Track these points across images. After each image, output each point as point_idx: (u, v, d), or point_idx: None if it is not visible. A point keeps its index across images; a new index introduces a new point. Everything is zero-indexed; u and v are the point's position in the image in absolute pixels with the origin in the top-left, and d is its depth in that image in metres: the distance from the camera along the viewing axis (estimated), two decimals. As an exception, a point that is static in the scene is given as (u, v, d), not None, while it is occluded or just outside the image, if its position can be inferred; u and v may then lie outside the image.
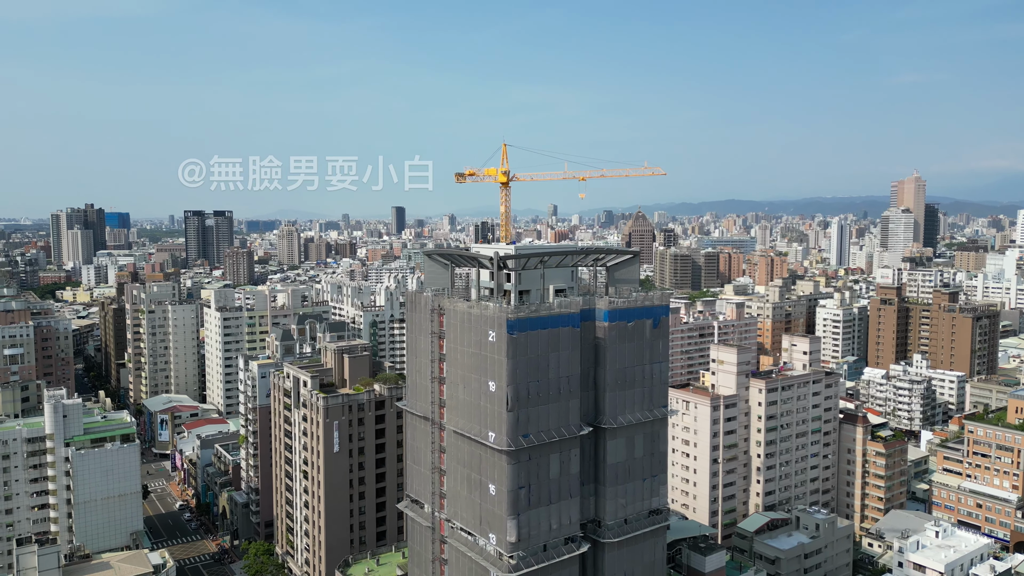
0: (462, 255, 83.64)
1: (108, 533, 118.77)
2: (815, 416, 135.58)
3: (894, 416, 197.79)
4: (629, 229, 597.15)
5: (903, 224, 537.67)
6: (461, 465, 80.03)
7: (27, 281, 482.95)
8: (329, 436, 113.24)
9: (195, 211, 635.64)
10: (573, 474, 78.09)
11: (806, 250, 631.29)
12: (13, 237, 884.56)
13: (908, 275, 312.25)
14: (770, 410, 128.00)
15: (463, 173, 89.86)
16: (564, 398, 76.85)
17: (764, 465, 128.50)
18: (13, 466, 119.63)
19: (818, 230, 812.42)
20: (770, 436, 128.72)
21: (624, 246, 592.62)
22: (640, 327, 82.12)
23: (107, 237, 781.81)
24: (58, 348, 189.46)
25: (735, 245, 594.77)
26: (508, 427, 72.97)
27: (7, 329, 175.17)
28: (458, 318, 78.98)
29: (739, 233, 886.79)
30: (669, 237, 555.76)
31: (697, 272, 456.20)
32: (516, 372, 73.02)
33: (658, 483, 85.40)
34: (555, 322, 75.67)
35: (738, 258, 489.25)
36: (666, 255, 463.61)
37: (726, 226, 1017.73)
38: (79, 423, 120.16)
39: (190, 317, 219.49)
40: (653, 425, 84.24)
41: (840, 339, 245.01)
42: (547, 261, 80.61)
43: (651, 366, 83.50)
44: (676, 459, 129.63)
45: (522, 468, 74.39)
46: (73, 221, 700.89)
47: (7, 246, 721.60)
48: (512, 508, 73.88)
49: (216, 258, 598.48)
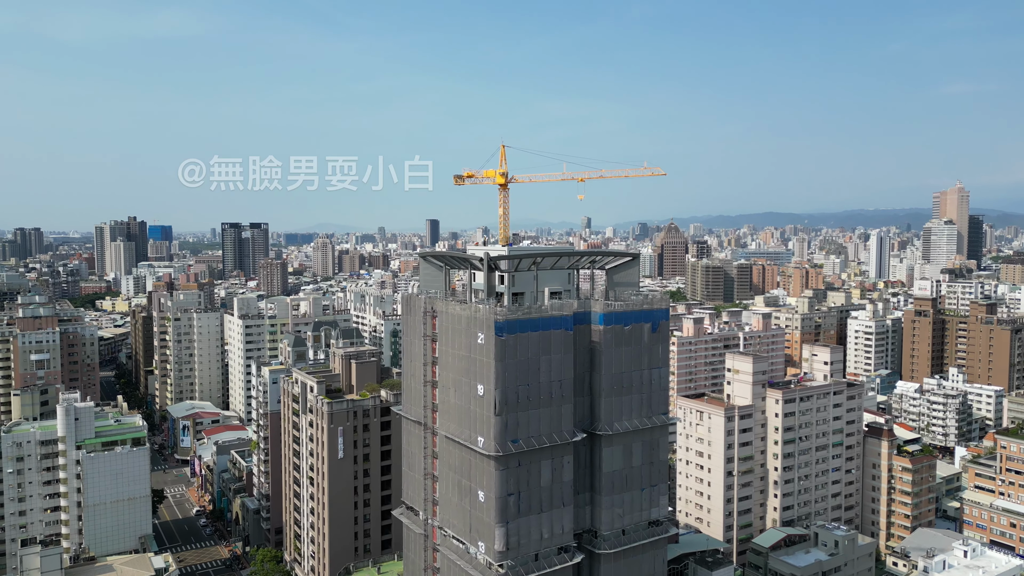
0: (455, 256, 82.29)
1: (117, 536, 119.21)
2: (836, 429, 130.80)
3: (928, 432, 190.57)
4: (661, 241, 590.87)
5: (945, 236, 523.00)
6: (452, 471, 78.33)
7: (68, 291, 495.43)
8: (333, 442, 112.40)
9: (232, 223, 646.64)
10: (566, 482, 75.81)
11: (844, 262, 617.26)
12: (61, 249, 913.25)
13: (947, 287, 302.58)
14: (787, 421, 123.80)
15: (461, 175, 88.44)
16: (556, 403, 74.76)
17: (782, 479, 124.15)
18: (27, 468, 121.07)
19: (858, 242, 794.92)
20: (788, 448, 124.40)
21: (656, 258, 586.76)
22: (638, 331, 79.71)
23: (149, 249, 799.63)
24: (84, 354, 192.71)
25: (770, 257, 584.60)
26: (496, 431, 71.13)
27: (34, 335, 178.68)
28: (449, 320, 77.57)
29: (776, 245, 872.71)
30: (702, 249, 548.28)
31: (729, 284, 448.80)
32: (505, 375, 71.23)
33: (658, 493, 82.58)
34: (546, 324, 73.76)
35: (772, 270, 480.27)
36: (697, 267, 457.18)
37: (763, 239, 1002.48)
38: (91, 426, 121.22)
39: (215, 325, 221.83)
40: (652, 433, 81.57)
41: (872, 352, 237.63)
42: (540, 262, 78.79)
43: (650, 371, 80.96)
44: (690, 471, 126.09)
45: (511, 474, 72.41)
46: (116, 233, 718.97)
47: (54, 257, 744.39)
48: (501, 515, 71.87)
49: (252, 269, 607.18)
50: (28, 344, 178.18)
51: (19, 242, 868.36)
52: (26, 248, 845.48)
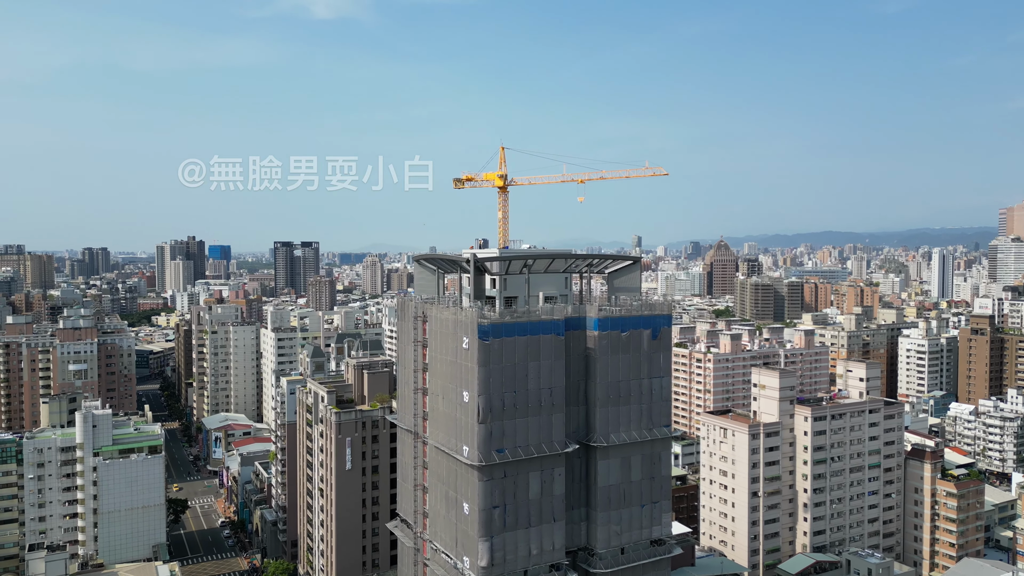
0: (445, 259, 79.83)
1: (130, 544, 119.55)
2: (873, 449, 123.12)
3: (983, 456, 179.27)
4: (710, 259, 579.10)
5: (1012, 253, 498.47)
6: (441, 482, 75.41)
7: (126, 307, 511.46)
8: (341, 453, 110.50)
9: (284, 242, 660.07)
10: (557, 495, 72.02)
11: (904, 281, 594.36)
12: (127, 268, 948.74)
13: (1010, 305, 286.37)
14: (818, 440, 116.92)
15: (461, 178, 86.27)
16: (546, 411, 71.25)
17: (812, 501, 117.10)
18: (47, 474, 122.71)
19: (921, 261, 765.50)
20: (818, 469, 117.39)
21: (705, 276, 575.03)
22: (636, 338, 75.72)
23: (208, 268, 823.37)
24: (121, 365, 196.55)
25: (824, 275, 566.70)
26: (480, 440, 68.01)
27: (73, 345, 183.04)
28: (439, 325, 75.07)
29: (834, 265, 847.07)
30: (753, 267, 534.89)
31: (780, 303, 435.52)
32: (489, 381, 68.19)
33: (660, 510, 77.99)
34: (535, 329, 70.54)
35: (825, 288, 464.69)
36: (746, 284, 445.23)
37: (820, 258, 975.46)
38: (108, 433, 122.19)
39: (250, 338, 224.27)
40: (653, 446, 77.22)
41: (926, 372, 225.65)
42: (532, 265, 75.69)
43: (649, 381, 76.77)
44: (713, 491, 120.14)
45: (496, 485, 69.06)
46: (175, 253, 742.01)
47: (119, 276, 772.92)
48: (485, 529, 68.51)
49: (302, 287, 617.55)
50: (67, 354, 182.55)
51: (87, 261, 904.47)
52: (93, 267, 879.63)
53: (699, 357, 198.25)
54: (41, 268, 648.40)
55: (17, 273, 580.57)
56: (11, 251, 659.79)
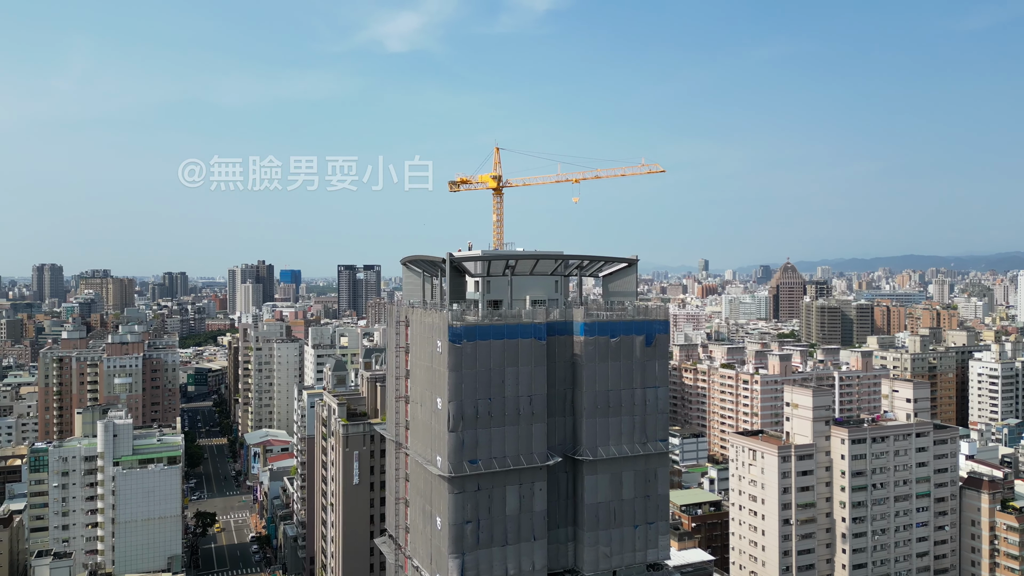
0: (428, 260, 76.60)
1: (146, 555, 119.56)
2: (922, 476, 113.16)
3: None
4: (776, 282, 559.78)
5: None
6: (419, 495, 71.58)
7: (195, 327, 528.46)
8: (348, 466, 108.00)
9: (347, 265, 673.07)
10: (537, 511, 67.07)
11: (988, 306, 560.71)
12: (204, 291, 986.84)
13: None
14: (856, 465, 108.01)
15: (456, 181, 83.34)
16: (526, 421, 66.68)
17: (851, 531, 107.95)
18: (72, 483, 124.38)
19: (1008, 286, 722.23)
20: (858, 497, 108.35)
21: (771, 300, 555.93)
22: (627, 344, 70.55)
23: (278, 291, 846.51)
24: (165, 380, 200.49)
25: (899, 299, 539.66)
26: (451, 449, 63.93)
27: (119, 359, 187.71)
28: (418, 329, 71.78)
29: (913, 289, 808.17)
30: (821, 290, 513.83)
31: (848, 326, 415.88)
32: (460, 386, 64.23)
33: (656, 532, 71.94)
34: (513, 332, 66.32)
35: (898, 312, 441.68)
36: (811, 307, 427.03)
37: (900, 282, 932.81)
38: (129, 443, 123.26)
39: (293, 355, 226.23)
40: (647, 461, 71.49)
41: (999, 398, 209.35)
42: (515, 266, 71.72)
43: (643, 391, 71.30)
44: (743, 517, 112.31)
45: (468, 499, 64.69)
46: (246, 276, 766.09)
47: (196, 299, 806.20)
48: (455, 545, 64.15)
49: (364, 309, 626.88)
50: (113, 368, 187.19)
51: (166, 284, 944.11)
52: (172, 290, 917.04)
53: (746, 378, 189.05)
54: (122, 291, 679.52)
55: (99, 295, 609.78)
56: (97, 275, 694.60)
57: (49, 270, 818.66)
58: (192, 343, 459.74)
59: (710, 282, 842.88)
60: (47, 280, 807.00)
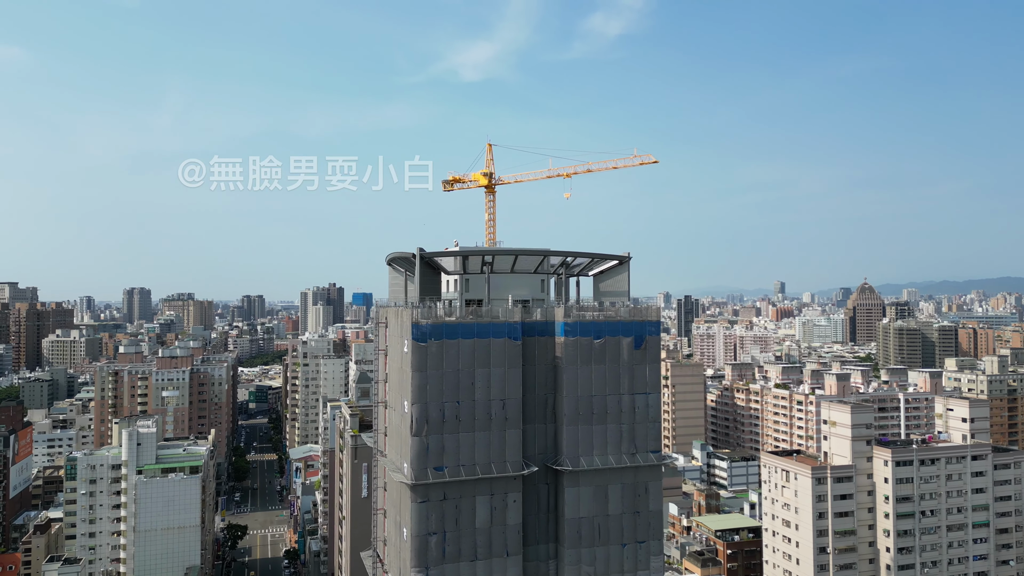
0: (409, 258, 73.24)
1: (165, 565, 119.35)
2: (979, 504, 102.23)
3: None
4: (853, 303, 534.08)
5: None
6: (392, 505, 67.77)
7: (263, 347, 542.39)
8: (358, 478, 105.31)
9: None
10: (511, 525, 62.16)
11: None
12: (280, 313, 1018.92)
13: None
14: (902, 489, 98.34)
15: (449, 180, 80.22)
16: (498, 426, 62.14)
17: (896, 562, 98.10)
18: (99, 491, 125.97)
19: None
20: (904, 524, 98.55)
21: (847, 322, 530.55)
22: (613, 346, 65.28)
23: (349, 313, 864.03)
24: (212, 393, 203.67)
25: (989, 321, 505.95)
26: (413, 455, 59.96)
27: (167, 373, 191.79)
28: (392, 330, 68.45)
29: (1008, 311, 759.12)
30: (901, 311, 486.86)
31: (929, 349, 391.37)
32: (425, 388, 60.36)
33: (647, 552, 65.80)
34: (484, 331, 62.14)
35: (987, 334, 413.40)
36: (890, 329, 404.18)
37: (994, 304, 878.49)
38: (153, 452, 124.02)
39: (339, 370, 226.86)
40: (637, 474, 65.64)
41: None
42: (492, 263, 67.63)
43: (632, 397, 65.70)
44: (776, 543, 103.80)
45: (433, 508, 60.43)
46: (317, 299, 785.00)
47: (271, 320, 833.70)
48: (419, 558, 59.88)
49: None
50: (161, 381, 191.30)
51: (244, 307, 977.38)
52: (250, 312, 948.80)
53: (800, 399, 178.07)
54: (202, 313, 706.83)
55: (179, 317, 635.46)
56: (181, 298, 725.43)
57: (138, 293, 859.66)
58: (260, 362, 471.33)
59: (786, 305, 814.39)
60: (136, 303, 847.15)
